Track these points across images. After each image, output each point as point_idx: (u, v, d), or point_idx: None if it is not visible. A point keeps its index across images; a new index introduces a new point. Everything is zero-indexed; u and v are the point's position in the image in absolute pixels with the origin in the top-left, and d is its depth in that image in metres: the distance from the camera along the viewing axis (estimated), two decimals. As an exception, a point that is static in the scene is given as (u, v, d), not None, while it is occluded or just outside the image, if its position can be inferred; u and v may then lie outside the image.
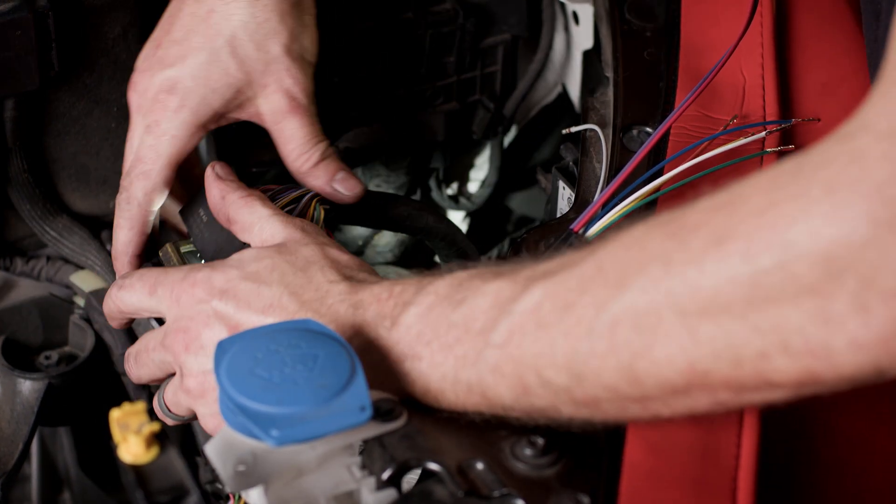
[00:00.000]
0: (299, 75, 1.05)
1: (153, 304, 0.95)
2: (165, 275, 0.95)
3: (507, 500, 0.77)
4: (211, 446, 0.80)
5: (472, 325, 0.80)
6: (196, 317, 0.91)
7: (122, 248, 1.08)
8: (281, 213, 0.97)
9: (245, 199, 0.99)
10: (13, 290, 1.28)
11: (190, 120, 1.04)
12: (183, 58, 1.05)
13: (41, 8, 1.12)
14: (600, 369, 0.74)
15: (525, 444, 0.80)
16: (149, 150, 1.05)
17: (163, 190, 1.06)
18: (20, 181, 1.22)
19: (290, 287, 0.89)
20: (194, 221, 1.04)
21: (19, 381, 1.22)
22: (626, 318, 0.73)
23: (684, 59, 1.11)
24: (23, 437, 1.20)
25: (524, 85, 1.35)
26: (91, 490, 1.41)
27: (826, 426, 0.88)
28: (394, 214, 1.13)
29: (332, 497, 0.81)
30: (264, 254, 0.92)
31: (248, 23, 1.04)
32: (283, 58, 1.04)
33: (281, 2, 1.04)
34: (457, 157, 1.41)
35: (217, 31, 1.04)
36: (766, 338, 0.68)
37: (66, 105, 1.22)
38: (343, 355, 0.81)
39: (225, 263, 0.93)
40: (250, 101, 1.05)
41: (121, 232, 1.08)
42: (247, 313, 0.89)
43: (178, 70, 1.04)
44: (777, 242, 0.67)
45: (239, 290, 0.90)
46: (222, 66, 1.04)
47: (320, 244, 0.93)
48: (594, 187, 1.06)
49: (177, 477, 1.45)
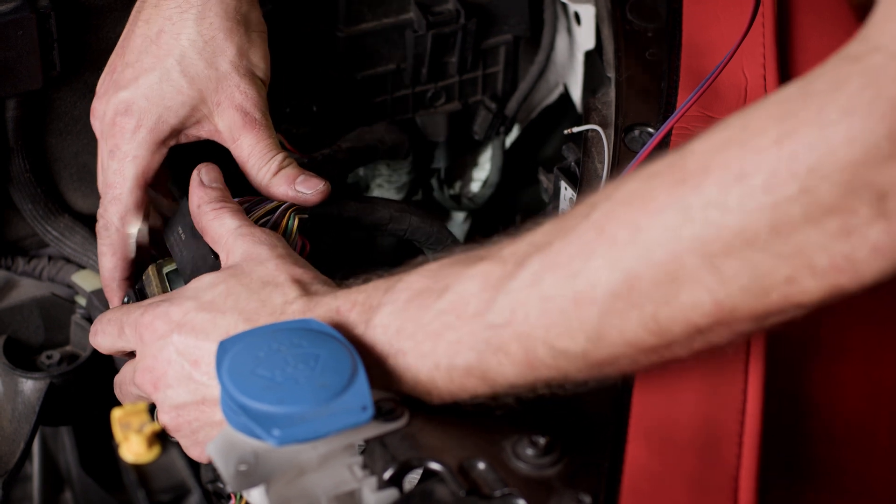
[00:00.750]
0: (250, 90, 1.06)
1: (123, 344, 0.97)
2: (128, 314, 0.96)
3: (508, 499, 0.77)
4: (213, 446, 0.80)
5: (464, 309, 0.80)
6: (158, 354, 0.91)
7: (108, 276, 1.10)
8: (247, 227, 0.97)
9: (216, 212, 0.99)
10: (15, 290, 1.28)
11: (148, 138, 1.05)
12: (136, 79, 1.05)
13: (43, 8, 1.12)
14: (622, 327, 0.75)
15: (527, 443, 0.80)
16: (115, 174, 1.06)
17: (136, 212, 1.08)
18: (22, 181, 1.22)
19: (244, 313, 0.89)
20: (174, 240, 1.05)
21: (21, 381, 1.22)
22: (644, 273, 0.73)
23: (686, 60, 1.11)
24: (24, 436, 1.20)
25: (526, 85, 1.35)
26: (92, 489, 1.41)
27: (827, 425, 0.88)
28: (375, 219, 1.13)
29: (334, 497, 0.81)
30: (219, 279, 0.92)
31: (195, 41, 1.04)
32: (233, 74, 1.05)
33: (226, 20, 1.05)
34: (458, 157, 1.41)
35: (167, 50, 1.05)
36: (792, 263, 0.70)
37: (67, 104, 1.22)
38: (345, 355, 0.81)
39: (182, 294, 0.93)
40: (207, 118, 1.06)
41: (105, 259, 1.10)
42: (206, 344, 0.89)
43: (132, 91, 1.05)
44: (800, 171, 0.68)
45: (196, 323, 0.90)
46: (174, 84, 1.05)
47: (277, 259, 0.93)
48: (596, 187, 1.06)
49: (178, 476, 1.45)
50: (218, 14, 1.05)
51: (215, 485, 1.24)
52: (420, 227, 1.15)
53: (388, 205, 1.15)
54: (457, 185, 1.43)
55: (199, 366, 0.89)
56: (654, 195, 0.73)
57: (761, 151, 0.69)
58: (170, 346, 0.90)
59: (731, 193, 0.70)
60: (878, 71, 0.67)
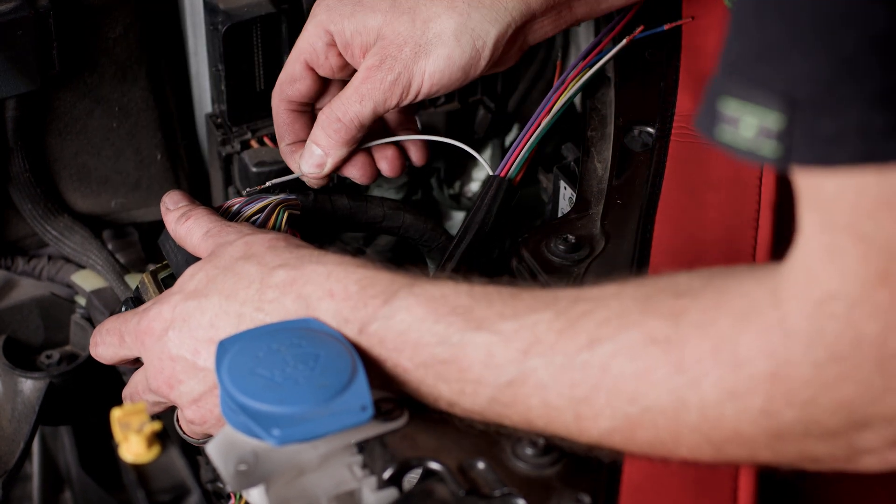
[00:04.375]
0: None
1: (126, 352, 0.97)
2: (126, 322, 0.95)
3: (508, 499, 0.77)
4: (212, 445, 0.80)
5: (467, 373, 0.79)
6: (162, 355, 0.91)
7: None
8: (217, 226, 0.97)
9: (185, 225, 0.99)
10: (14, 290, 1.28)
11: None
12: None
13: (42, 8, 1.12)
14: (619, 445, 0.76)
15: (526, 443, 0.80)
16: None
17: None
18: (21, 181, 1.22)
19: (223, 292, 0.89)
20: (169, 246, 1.05)
21: (20, 381, 1.22)
22: (646, 425, 0.74)
23: (685, 60, 1.11)
24: (24, 436, 1.20)
25: (525, 84, 1.34)
26: (92, 489, 1.41)
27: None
28: (369, 217, 1.13)
29: (334, 496, 0.81)
30: (197, 269, 0.92)
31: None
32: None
33: None
34: (458, 156, 1.41)
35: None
36: (794, 456, 0.73)
37: (67, 105, 1.22)
38: (344, 354, 0.81)
39: (169, 292, 0.93)
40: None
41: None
42: (199, 331, 0.89)
43: None
44: (797, 402, 0.69)
45: (185, 313, 0.90)
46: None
47: (246, 237, 0.93)
48: (595, 187, 1.06)
49: (178, 476, 1.45)
50: None
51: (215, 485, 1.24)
52: (413, 224, 1.15)
53: (381, 203, 1.15)
54: (456, 184, 1.43)
55: (200, 353, 0.89)
56: (652, 375, 0.73)
57: (755, 379, 0.70)
58: (169, 344, 0.90)
59: (727, 407, 0.71)
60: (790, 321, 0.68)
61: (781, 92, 0.63)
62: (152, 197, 1.31)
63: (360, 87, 1.03)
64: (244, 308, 0.87)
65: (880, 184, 0.63)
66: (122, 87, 1.24)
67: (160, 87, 1.28)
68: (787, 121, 0.63)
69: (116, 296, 1.24)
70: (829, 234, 0.66)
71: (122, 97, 1.25)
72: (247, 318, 0.87)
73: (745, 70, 0.65)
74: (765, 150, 0.63)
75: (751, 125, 0.64)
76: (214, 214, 1.00)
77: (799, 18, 0.63)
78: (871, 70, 0.61)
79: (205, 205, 1.03)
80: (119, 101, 1.24)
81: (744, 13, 0.66)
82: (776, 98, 0.63)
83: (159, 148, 1.30)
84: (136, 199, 1.31)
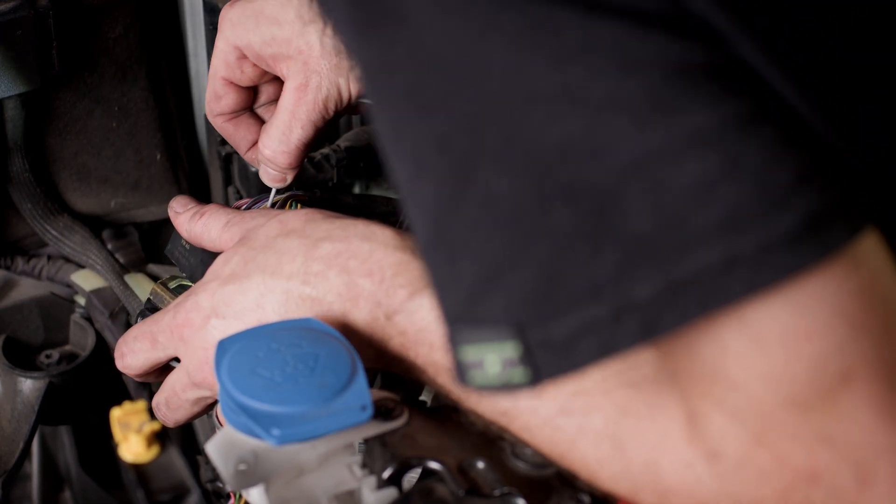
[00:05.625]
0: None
1: (161, 354, 0.94)
2: (156, 323, 0.93)
3: (507, 498, 0.78)
4: (212, 445, 0.80)
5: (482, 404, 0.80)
6: (206, 343, 0.89)
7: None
8: (236, 214, 0.97)
9: (201, 222, 0.98)
10: (14, 289, 1.28)
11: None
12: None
13: (42, 8, 1.12)
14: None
15: (522, 445, 0.80)
16: None
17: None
18: (21, 180, 1.22)
19: (267, 269, 0.88)
20: (179, 253, 1.04)
21: (20, 380, 1.22)
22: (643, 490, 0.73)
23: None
24: (24, 435, 1.20)
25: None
26: (92, 489, 1.41)
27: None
28: (375, 215, 1.13)
29: (333, 496, 0.81)
30: (230, 254, 0.91)
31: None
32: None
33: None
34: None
35: None
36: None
37: (66, 104, 1.22)
38: (344, 354, 0.81)
39: (202, 282, 0.92)
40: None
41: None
42: (245, 314, 0.88)
43: None
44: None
45: (226, 298, 0.89)
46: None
47: (278, 216, 0.92)
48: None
49: (177, 476, 1.45)
50: None
51: (215, 484, 1.24)
52: None
53: (387, 202, 1.15)
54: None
55: None
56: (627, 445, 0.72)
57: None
58: (213, 332, 0.89)
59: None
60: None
61: (504, 321, 0.62)
62: (152, 197, 1.32)
63: (295, 112, 1.01)
64: (290, 283, 0.87)
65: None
66: (122, 87, 1.24)
67: (160, 87, 1.28)
68: (523, 342, 0.62)
69: (116, 296, 1.24)
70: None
71: (122, 97, 1.25)
72: (294, 294, 0.87)
73: (463, 315, 0.64)
74: (516, 378, 0.63)
75: (494, 361, 0.63)
76: (228, 208, 1.00)
77: (486, 250, 0.62)
78: (577, 269, 0.60)
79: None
80: (119, 101, 1.25)
81: (432, 261, 0.65)
82: (503, 328, 0.62)
83: (159, 148, 1.30)
84: (136, 199, 1.31)
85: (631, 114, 0.58)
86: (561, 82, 0.58)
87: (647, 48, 0.58)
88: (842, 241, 0.59)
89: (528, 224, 0.61)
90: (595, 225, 0.60)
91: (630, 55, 0.58)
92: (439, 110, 0.61)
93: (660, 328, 0.60)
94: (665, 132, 0.58)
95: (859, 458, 0.62)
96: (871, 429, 0.61)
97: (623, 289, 0.60)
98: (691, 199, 0.58)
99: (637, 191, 0.59)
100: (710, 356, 0.62)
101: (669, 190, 0.58)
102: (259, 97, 1.09)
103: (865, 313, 0.61)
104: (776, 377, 0.61)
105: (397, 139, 0.64)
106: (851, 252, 0.60)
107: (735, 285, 0.59)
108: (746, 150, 0.58)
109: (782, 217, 0.58)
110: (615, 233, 0.59)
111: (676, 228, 0.59)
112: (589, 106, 0.58)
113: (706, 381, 0.63)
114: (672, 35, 0.58)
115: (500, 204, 0.61)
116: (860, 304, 0.60)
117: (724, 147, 0.58)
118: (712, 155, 0.58)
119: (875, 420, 0.61)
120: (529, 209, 0.60)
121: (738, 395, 0.62)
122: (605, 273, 0.60)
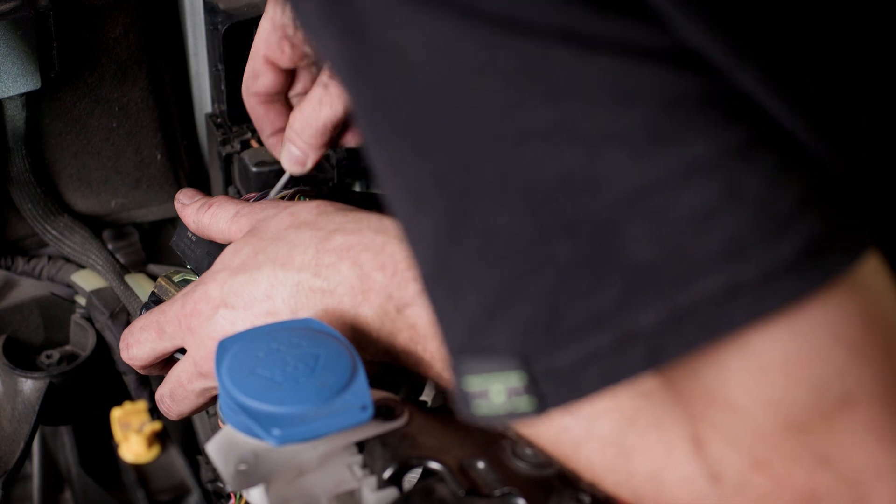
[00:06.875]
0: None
1: (167, 344, 0.94)
2: (163, 313, 0.93)
3: (508, 498, 0.78)
4: (212, 445, 0.80)
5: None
6: (214, 334, 0.89)
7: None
8: (245, 206, 0.96)
9: (209, 212, 0.98)
10: (14, 290, 1.28)
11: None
12: None
13: (42, 8, 1.12)
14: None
15: (526, 442, 0.80)
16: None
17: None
18: (22, 180, 1.22)
19: (278, 260, 0.88)
20: (185, 245, 1.04)
21: (21, 381, 1.22)
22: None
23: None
24: (24, 435, 1.20)
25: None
26: (92, 489, 1.41)
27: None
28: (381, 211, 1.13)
29: (334, 496, 0.81)
30: (240, 244, 0.91)
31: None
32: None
33: None
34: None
35: None
36: None
37: (67, 105, 1.22)
38: (344, 354, 0.81)
39: (211, 271, 0.92)
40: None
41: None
42: (254, 305, 0.88)
43: None
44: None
45: (235, 288, 0.89)
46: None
47: (289, 207, 0.92)
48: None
49: (178, 476, 1.45)
50: None
51: (215, 485, 1.24)
52: None
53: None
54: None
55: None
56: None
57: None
58: (222, 322, 0.89)
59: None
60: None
61: (509, 351, 0.62)
62: (152, 197, 1.31)
63: (328, 86, 1.01)
64: (301, 275, 0.87)
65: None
66: (122, 87, 1.24)
67: (160, 87, 1.28)
68: (528, 372, 0.62)
69: (116, 296, 1.24)
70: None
71: (122, 97, 1.25)
72: (304, 286, 0.87)
73: (467, 346, 0.64)
74: (522, 406, 0.63)
75: (499, 391, 0.63)
76: (235, 199, 0.99)
77: (488, 283, 0.62)
78: (580, 299, 0.60)
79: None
80: (119, 101, 1.25)
81: (434, 294, 0.65)
82: (507, 358, 0.62)
83: (159, 148, 1.30)
84: (136, 199, 1.31)
85: (628, 146, 0.58)
86: (557, 118, 0.59)
87: (642, 80, 0.58)
88: (842, 267, 0.59)
89: (529, 257, 0.61)
90: (596, 256, 0.60)
91: (625, 88, 0.58)
92: (436, 149, 0.61)
93: (664, 356, 0.60)
94: (663, 163, 0.58)
95: (859, 479, 0.61)
96: (871, 451, 0.61)
97: (626, 318, 0.60)
98: (692, 229, 0.58)
99: (637, 222, 0.59)
100: (711, 381, 0.62)
101: (669, 220, 0.58)
102: (296, 84, 1.09)
103: (866, 337, 0.61)
104: (777, 401, 0.61)
105: (394, 176, 0.64)
106: (852, 276, 0.60)
107: (737, 313, 0.59)
108: (746, 178, 0.58)
109: (783, 244, 0.58)
110: (617, 263, 0.59)
111: (678, 258, 0.59)
112: (585, 140, 0.58)
113: (705, 404, 0.63)
114: (667, 66, 0.58)
115: (500, 237, 0.61)
116: (861, 328, 0.60)
117: (723, 175, 0.58)
118: (711, 184, 0.58)
119: (875, 442, 0.61)
120: (530, 242, 0.61)
121: (737, 419, 0.62)
122: (608, 303, 0.60)
